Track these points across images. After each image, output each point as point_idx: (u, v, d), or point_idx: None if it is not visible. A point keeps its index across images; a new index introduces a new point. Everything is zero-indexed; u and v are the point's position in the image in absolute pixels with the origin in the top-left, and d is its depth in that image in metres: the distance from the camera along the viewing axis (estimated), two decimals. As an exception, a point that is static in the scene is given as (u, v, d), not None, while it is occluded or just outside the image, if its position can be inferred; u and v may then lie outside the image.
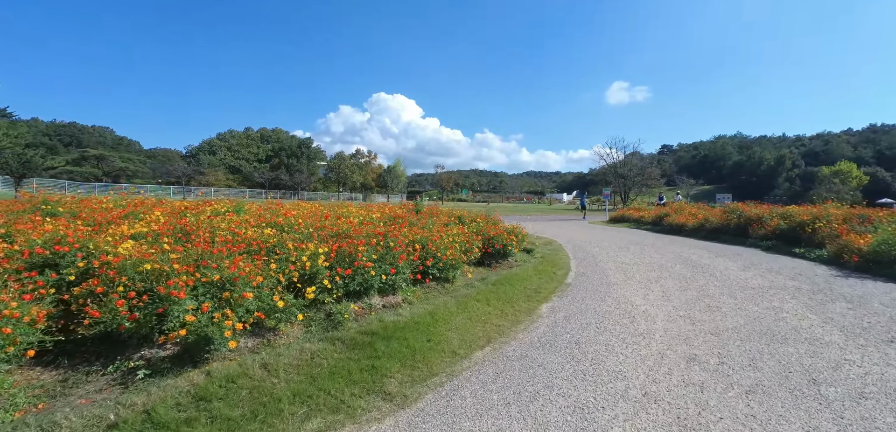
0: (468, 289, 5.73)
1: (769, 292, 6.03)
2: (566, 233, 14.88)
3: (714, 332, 4.28)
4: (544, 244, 11.18)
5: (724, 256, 9.47)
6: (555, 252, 9.82)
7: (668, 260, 8.94)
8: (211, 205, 8.37)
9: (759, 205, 14.16)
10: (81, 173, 48.06)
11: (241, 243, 4.86)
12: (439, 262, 6.04)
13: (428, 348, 3.74)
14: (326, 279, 4.61)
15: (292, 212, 7.99)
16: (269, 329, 4.07)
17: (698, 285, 6.48)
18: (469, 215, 11.37)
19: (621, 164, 56.58)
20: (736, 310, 5.08)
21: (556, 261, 8.56)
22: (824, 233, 9.92)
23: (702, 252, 10.17)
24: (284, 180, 60.85)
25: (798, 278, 7.03)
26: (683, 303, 5.43)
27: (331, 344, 3.70)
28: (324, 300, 4.64)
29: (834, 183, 74.56)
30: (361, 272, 4.95)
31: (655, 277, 7.07)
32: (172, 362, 3.33)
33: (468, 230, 8.45)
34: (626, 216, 20.93)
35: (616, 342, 4.01)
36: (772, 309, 5.17)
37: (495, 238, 8.18)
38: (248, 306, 3.76)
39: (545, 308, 5.13)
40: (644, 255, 9.58)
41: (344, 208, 9.62)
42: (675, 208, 18.38)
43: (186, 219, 5.92)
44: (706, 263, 8.52)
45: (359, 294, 5.09)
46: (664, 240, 12.83)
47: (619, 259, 9.04)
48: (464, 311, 4.81)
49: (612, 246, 11.34)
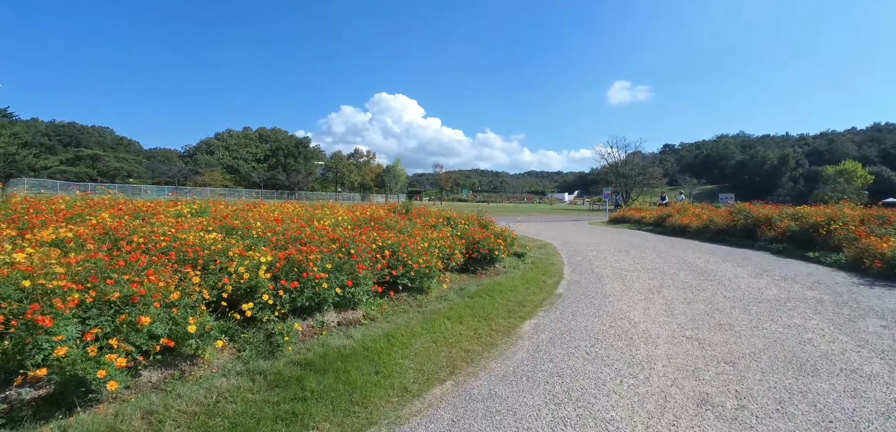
0: (440, 303, 4.99)
1: (787, 305, 5.27)
2: (563, 236, 14.12)
3: (728, 360, 3.53)
4: (538, 247, 10.43)
5: (733, 261, 8.70)
6: (548, 256, 9.06)
7: (671, 265, 8.18)
8: (176, 206, 7.66)
9: (767, 206, 13.37)
10: (76, 173, 47.48)
11: (171, 251, 4.15)
12: (410, 271, 5.31)
13: (373, 383, 3.01)
14: (267, 294, 3.89)
15: (262, 214, 7.30)
16: (187, 357, 3.35)
17: (706, 296, 5.72)
18: (459, 216, 10.67)
19: (623, 164, 55.74)
20: (752, 329, 4.32)
21: (547, 266, 7.81)
22: (840, 235, 9.15)
23: (708, 256, 9.40)
24: (281, 180, 60.07)
25: (817, 287, 6.26)
26: (690, 319, 4.67)
27: (249, 380, 2.96)
28: (263, 319, 3.92)
29: (838, 182, 73.79)
30: (311, 284, 4.22)
31: (657, 286, 6.31)
32: (40, 407, 2.62)
33: (450, 233, 7.72)
34: (627, 217, 20.14)
35: (609, 375, 3.26)
36: (793, 327, 4.41)
37: (481, 242, 7.44)
38: (151, 331, 3.03)
39: (528, 326, 4.38)
40: (645, 260, 8.82)
41: (325, 209, 8.90)
42: (677, 209, 17.59)
43: (121, 221, 5.20)
44: (713, 269, 7.75)
45: (310, 309, 4.36)
46: (666, 243, 12.06)
47: (618, 264, 8.28)
48: (430, 331, 4.07)
49: (610, 249, 10.58)
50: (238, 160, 71.09)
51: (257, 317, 3.88)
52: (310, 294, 4.21)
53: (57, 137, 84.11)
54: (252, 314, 3.79)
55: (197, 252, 4.30)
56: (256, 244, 4.99)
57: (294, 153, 70.46)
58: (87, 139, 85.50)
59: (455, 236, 7.48)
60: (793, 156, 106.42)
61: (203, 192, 51.36)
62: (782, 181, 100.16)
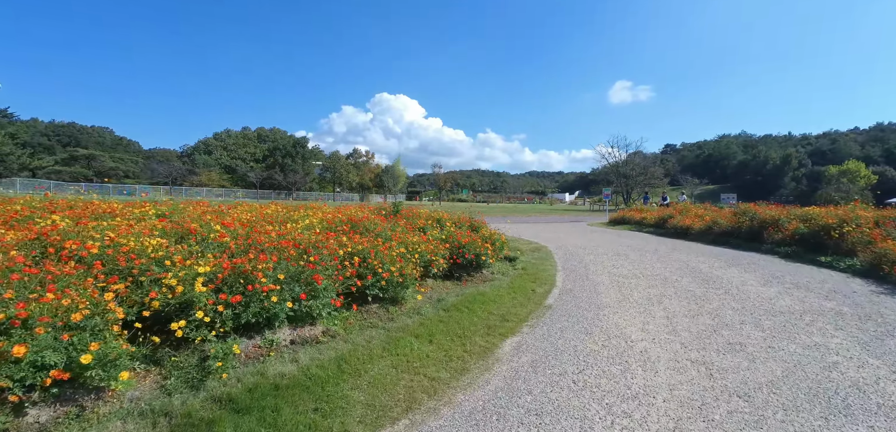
0: (411, 318, 4.42)
1: (804, 319, 4.69)
2: (560, 238, 13.54)
3: (742, 393, 2.96)
4: (532, 250, 9.86)
5: (739, 266, 8.11)
6: (541, 261, 8.49)
7: (672, 271, 7.60)
8: (143, 207, 7.12)
9: (774, 206, 12.77)
10: (71, 173, 47.03)
11: (97, 261, 3.61)
12: (380, 280, 4.75)
13: (307, 427, 2.45)
14: (201, 311, 3.33)
15: (237, 215, 6.78)
16: (92, 389, 2.80)
17: (712, 307, 5.15)
18: (450, 217, 10.16)
19: (624, 164, 55.12)
20: (767, 351, 3.75)
21: (539, 273, 7.24)
22: (854, 238, 8.56)
23: (712, 260, 8.82)
24: (278, 180, 59.48)
25: (834, 297, 5.68)
26: (695, 336, 4.10)
27: (150, 425, 2.41)
28: (198, 339, 3.37)
29: (842, 182, 73.16)
30: (259, 298, 3.67)
31: (657, 295, 5.74)
32: None
33: (433, 237, 7.16)
34: (627, 217, 19.53)
35: (598, 413, 2.70)
36: (815, 347, 3.84)
37: (467, 246, 6.88)
38: (40, 360, 2.49)
39: (508, 346, 3.82)
40: (645, 264, 8.24)
41: (308, 210, 8.34)
42: (679, 209, 16.99)
43: (56, 225, 4.65)
44: (718, 275, 7.17)
45: (258, 327, 3.81)
46: (668, 246, 11.47)
47: (616, 270, 7.71)
48: (392, 353, 3.51)
49: (608, 252, 10.00)
50: (236, 160, 70.59)
51: (190, 337, 3.34)
52: (256, 309, 3.65)
53: (56, 137, 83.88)
54: (184, 334, 3.25)
55: (132, 260, 3.76)
56: (208, 250, 4.46)
57: (292, 153, 69.83)
58: (87, 139, 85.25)
59: (439, 240, 6.92)
60: (795, 155, 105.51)
61: (199, 193, 50.85)
62: (785, 181, 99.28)
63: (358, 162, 71.48)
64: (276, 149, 70.22)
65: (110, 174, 50.05)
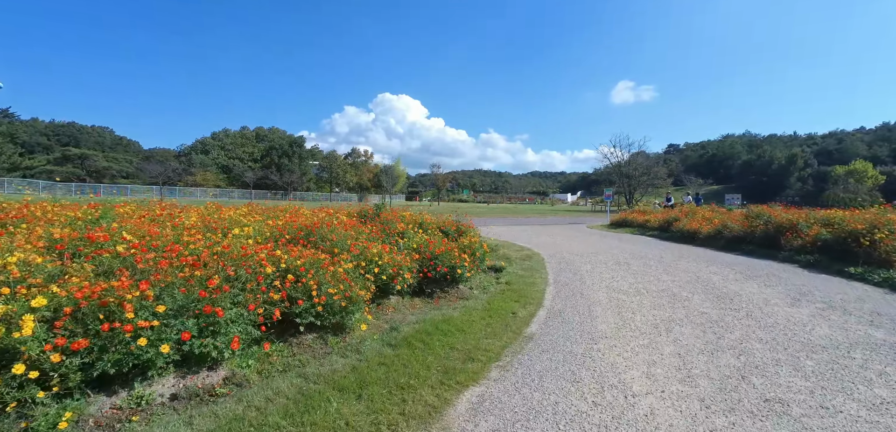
0: (343, 358, 3.41)
1: (853, 356, 3.67)
2: (555, 243, 12.50)
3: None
4: (522, 259, 8.86)
5: (757, 279, 7.08)
6: (530, 272, 7.48)
7: (681, 285, 6.57)
8: (74, 211, 6.16)
9: (792, 209, 11.71)
10: (63, 172, 46.29)
11: None
12: (314, 307, 3.76)
13: None
14: (22, 364, 2.37)
15: (184, 218, 5.87)
16: None
17: (734, 339, 4.13)
18: (436, 220, 9.22)
19: (626, 164, 53.98)
20: (819, 411, 2.72)
21: (525, 288, 6.23)
22: (888, 246, 7.51)
23: (725, 271, 7.78)
24: (274, 180, 58.51)
25: (881, 323, 4.64)
26: (718, 387, 3.09)
27: None
28: (22, 400, 2.41)
29: (849, 182, 71.90)
30: (120, 341, 2.69)
31: (666, 320, 4.72)
32: None
33: (404, 247, 6.17)
34: (629, 220, 18.45)
35: None
36: (883, 407, 2.82)
37: (441, 257, 5.88)
38: None
39: (464, 404, 2.81)
40: (649, 276, 7.22)
41: (260, 216, 7.37)
42: (685, 211, 15.92)
43: None
44: (735, 291, 6.15)
45: (126, 377, 2.83)
46: (674, 252, 10.44)
47: (615, 283, 6.69)
48: (297, 421, 2.51)
49: (608, 261, 8.98)
50: (234, 160, 69.75)
51: (8, 399, 2.38)
52: (117, 356, 2.67)
53: (56, 137, 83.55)
54: (0, 395, 2.28)
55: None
56: (114, 266, 3.47)
57: (288, 152, 68.81)
58: (87, 139, 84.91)
59: (407, 251, 5.93)
60: (801, 155, 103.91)
61: (193, 194, 50.04)
62: (790, 181, 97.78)
63: (356, 162, 70.44)
64: (272, 149, 69.25)
65: (104, 174, 49.26)
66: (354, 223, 7.53)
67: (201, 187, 51.97)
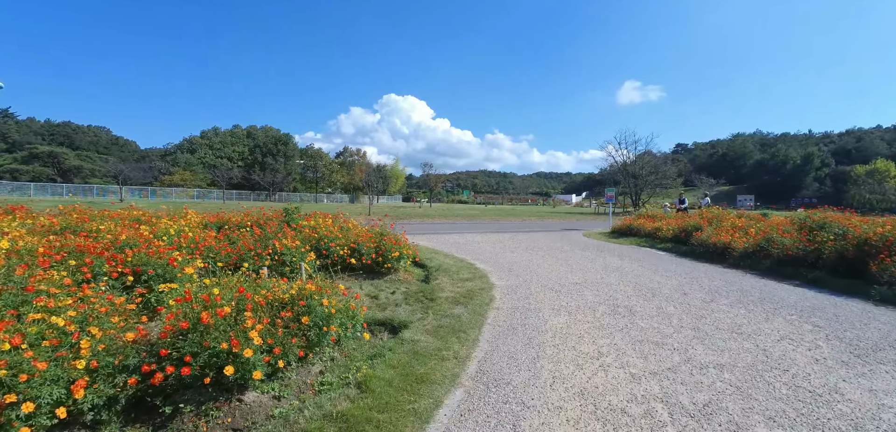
0: None
1: None
2: (531, 263, 9.01)
3: None
4: (456, 301, 5.47)
5: (872, 361, 3.64)
6: (445, 339, 4.06)
7: (741, 375, 3.15)
8: None
9: (868, 218, 8.22)
10: (30, 171, 43.60)
11: None
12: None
13: None
14: None
15: None
16: None
17: None
18: (362, 231, 6.15)
19: (632, 163, 50.15)
20: None
21: (400, 403, 2.84)
22: None
23: (804, 328, 4.32)
24: (257, 180, 55.43)
25: None
26: None
27: None
28: None
29: (870, 182, 67.95)
30: None
31: None
32: None
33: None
34: (636, 228, 14.86)
35: None
36: None
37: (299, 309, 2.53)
38: None
39: None
40: (671, 346, 3.80)
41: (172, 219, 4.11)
42: (709, 218, 12.37)
43: None
44: (857, 399, 2.73)
45: None
46: (702, 286, 6.98)
47: (607, 377, 3.28)
48: None
49: (597, 304, 5.56)
50: (221, 158, 66.92)
51: None
52: None
53: (51, 137, 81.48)
54: None
55: None
56: None
57: (273, 150, 65.65)
58: (82, 139, 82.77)
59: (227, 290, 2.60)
60: (818, 154, 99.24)
61: (168, 194, 47.17)
62: (806, 181, 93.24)
63: (347, 161, 67.15)
64: (257, 147, 66.09)
65: (75, 173, 46.55)
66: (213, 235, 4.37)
67: (180, 187, 49.08)
